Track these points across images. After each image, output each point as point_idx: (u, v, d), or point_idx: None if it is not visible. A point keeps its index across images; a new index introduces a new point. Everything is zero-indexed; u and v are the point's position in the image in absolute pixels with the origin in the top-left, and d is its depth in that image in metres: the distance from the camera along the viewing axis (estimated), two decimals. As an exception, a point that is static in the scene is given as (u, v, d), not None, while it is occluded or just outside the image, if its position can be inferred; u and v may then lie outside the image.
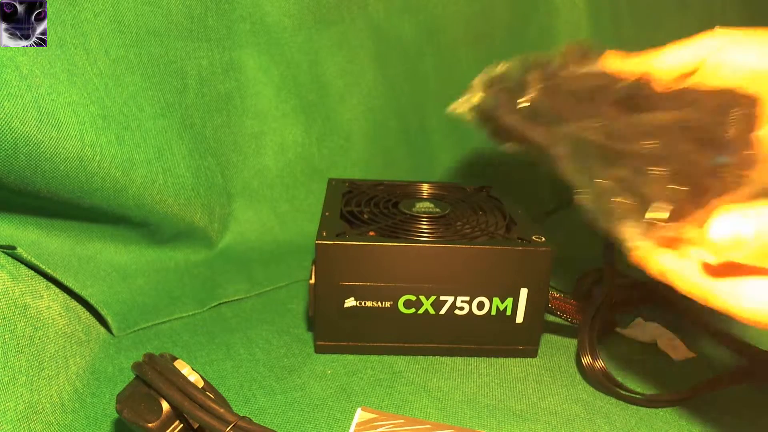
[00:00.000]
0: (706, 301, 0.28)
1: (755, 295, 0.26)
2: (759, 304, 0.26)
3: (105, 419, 0.36)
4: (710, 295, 0.28)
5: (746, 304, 0.26)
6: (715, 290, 0.27)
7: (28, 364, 0.35)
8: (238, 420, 0.30)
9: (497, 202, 0.51)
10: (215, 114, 0.57)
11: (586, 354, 0.42)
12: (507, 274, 0.42)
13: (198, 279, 0.53)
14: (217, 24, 0.55)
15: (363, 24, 0.65)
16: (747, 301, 0.26)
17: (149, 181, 0.48)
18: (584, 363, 0.41)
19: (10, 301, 0.36)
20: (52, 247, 0.45)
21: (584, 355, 0.42)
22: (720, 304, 0.27)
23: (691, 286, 0.28)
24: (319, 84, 0.63)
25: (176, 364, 0.32)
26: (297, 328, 0.47)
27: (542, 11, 0.83)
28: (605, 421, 0.38)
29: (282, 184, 0.63)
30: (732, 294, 0.27)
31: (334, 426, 0.36)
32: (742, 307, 0.26)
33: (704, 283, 0.28)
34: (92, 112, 0.43)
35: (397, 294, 0.42)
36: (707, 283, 0.28)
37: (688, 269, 0.28)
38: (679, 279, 0.29)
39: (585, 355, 0.42)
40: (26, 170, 0.39)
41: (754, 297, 0.26)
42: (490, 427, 0.37)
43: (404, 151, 0.71)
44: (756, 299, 0.26)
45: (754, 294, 0.26)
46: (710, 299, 0.28)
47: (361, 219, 0.45)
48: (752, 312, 0.26)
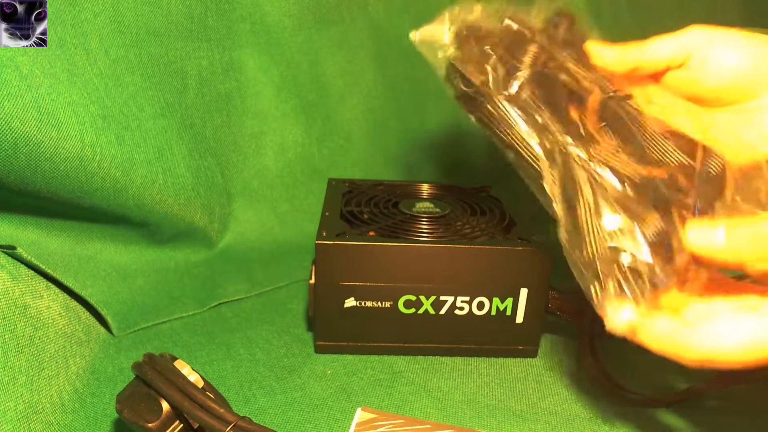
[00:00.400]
0: (683, 356, 0.27)
1: (732, 330, 0.26)
2: (740, 339, 0.25)
3: (105, 419, 0.36)
4: (687, 346, 0.27)
5: (726, 340, 0.26)
6: (692, 338, 0.27)
7: (28, 364, 0.35)
8: (238, 420, 0.30)
9: (497, 202, 0.51)
10: (215, 114, 0.57)
11: (586, 354, 0.41)
12: (507, 274, 0.42)
13: (198, 279, 0.53)
14: (217, 24, 0.55)
15: (363, 24, 0.65)
16: (726, 338, 0.26)
17: (149, 181, 0.48)
18: (585, 363, 0.41)
19: (10, 301, 0.36)
20: (52, 247, 0.45)
21: (584, 356, 0.42)
22: (699, 353, 0.26)
23: (662, 341, 0.27)
24: (319, 84, 0.63)
25: (176, 364, 0.32)
26: (297, 328, 0.47)
27: (542, 11, 0.83)
28: (605, 422, 0.38)
29: (282, 184, 0.63)
30: (710, 335, 0.26)
31: (334, 426, 0.36)
32: (725, 344, 0.26)
33: (677, 333, 0.27)
34: (92, 112, 0.43)
35: (397, 294, 0.42)
36: (681, 333, 0.27)
37: (657, 324, 0.28)
38: (648, 337, 0.28)
39: (585, 355, 0.42)
40: (26, 170, 0.39)
41: (731, 332, 0.26)
42: (490, 427, 0.37)
43: (404, 151, 0.71)
44: (735, 334, 0.26)
45: (731, 329, 0.26)
46: (688, 351, 0.27)
47: (361, 219, 0.45)
48: (735, 350, 0.25)
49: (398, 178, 0.60)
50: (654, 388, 0.42)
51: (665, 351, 0.27)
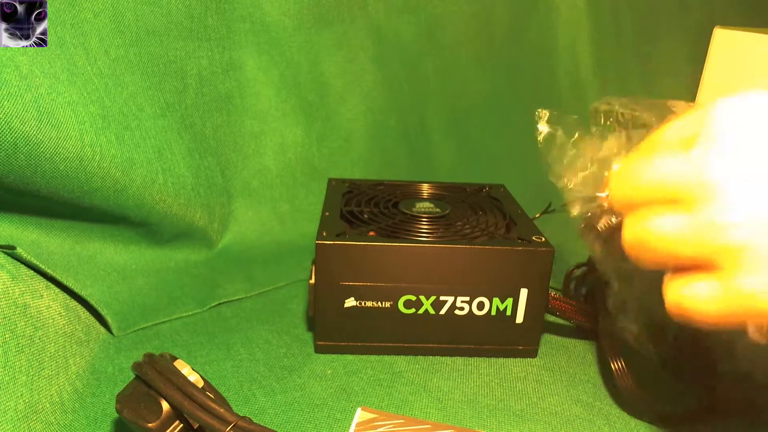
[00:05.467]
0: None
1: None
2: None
3: (105, 419, 0.36)
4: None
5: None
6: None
7: (28, 363, 0.35)
8: (238, 420, 0.30)
9: (497, 202, 0.51)
10: (215, 114, 0.57)
11: (615, 359, 0.40)
12: (507, 274, 0.42)
13: (198, 279, 0.53)
14: (217, 24, 0.55)
15: (363, 24, 0.65)
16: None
17: (149, 181, 0.48)
18: (614, 368, 0.40)
19: (10, 300, 0.36)
20: (52, 247, 0.45)
21: (614, 361, 0.40)
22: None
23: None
24: (319, 84, 0.63)
25: (176, 364, 0.32)
26: (297, 328, 0.47)
27: (542, 11, 0.83)
28: (605, 422, 0.38)
29: (282, 184, 0.63)
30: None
31: (334, 426, 0.36)
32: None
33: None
34: (92, 112, 0.43)
35: (397, 294, 0.42)
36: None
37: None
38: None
39: (614, 360, 0.40)
40: (26, 170, 0.39)
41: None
42: (490, 427, 0.37)
43: (404, 150, 0.71)
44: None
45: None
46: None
47: (361, 219, 0.45)
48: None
49: (398, 177, 0.60)
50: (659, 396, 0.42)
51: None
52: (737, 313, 0.24)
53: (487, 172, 0.74)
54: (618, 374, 0.40)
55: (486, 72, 0.78)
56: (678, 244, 0.25)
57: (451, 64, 0.74)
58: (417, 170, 0.72)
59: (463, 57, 0.75)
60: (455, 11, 0.73)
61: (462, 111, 0.76)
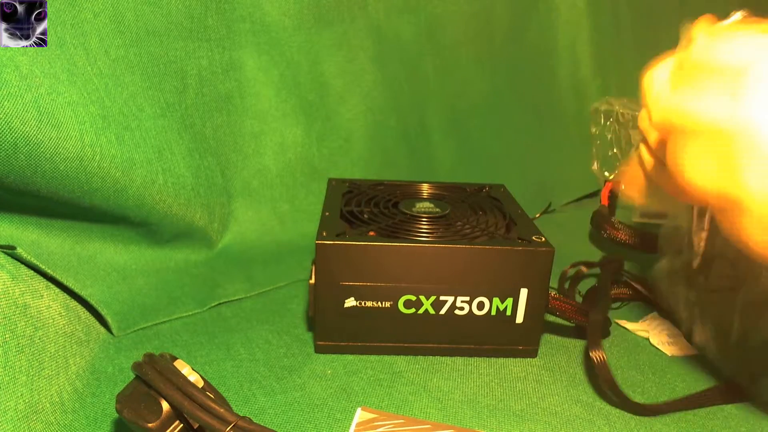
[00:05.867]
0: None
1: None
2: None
3: (105, 419, 0.36)
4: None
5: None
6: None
7: (28, 363, 0.35)
8: (238, 420, 0.30)
9: (497, 202, 0.51)
10: (215, 114, 0.57)
11: (596, 351, 0.40)
12: (507, 274, 0.42)
13: (198, 279, 0.53)
14: (217, 24, 0.55)
15: (363, 24, 0.65)
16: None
17: (149, 181, 0.48)
18: (595, 360, 0.40)
19: (10, 300, 0.36)
20: (52, 247, 0.45)
21: (594, 351, 0.40)
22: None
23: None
24: (319, 84, 0.63)
25: (176, 364, 0.32)
26: (297, 328, 0.47)
27: (542, 11, 0.83)
28: (605, 422, 0.38)
29: (282, 184, 0.63)
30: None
31: (335, 426, 0.36)
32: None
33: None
34: (92, 112, 0.43)
35: (397, 294, 0.42)
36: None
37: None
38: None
39: (595, 349, 0.40)
40: (26, 170, 0.39)
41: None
42: (490, 427, 0.37)
43: (404, 150, 0.71)
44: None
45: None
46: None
47: (361, 219, 0.45)
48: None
49: (398, 177, 0.60)
50: (654, 391, 0.42)
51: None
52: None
53: (487, 172, 0.74)
54: (598, 366, 0.40)
55: (486, 72, 0.78)
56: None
57: (451, 64, 0.74)
58: (417, 170, 0.72)
59: (463, 57, 0.75)
60: (455, 11, 0.73)
61: (462, 111, 0.76)
